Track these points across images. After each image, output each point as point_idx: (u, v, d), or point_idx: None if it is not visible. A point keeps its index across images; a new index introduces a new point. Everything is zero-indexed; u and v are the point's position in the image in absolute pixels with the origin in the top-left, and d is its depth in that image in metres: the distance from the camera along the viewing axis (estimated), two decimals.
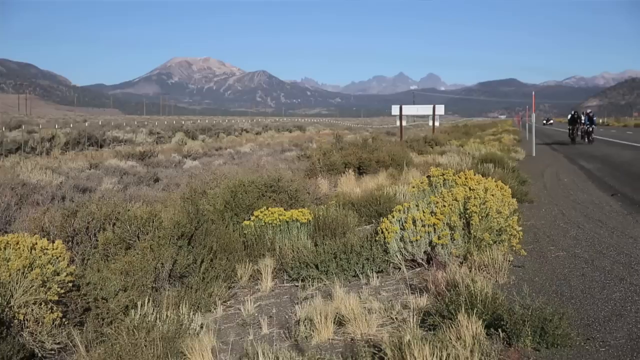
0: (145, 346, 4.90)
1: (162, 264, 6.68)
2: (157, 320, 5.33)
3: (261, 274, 7.33)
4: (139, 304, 5.70)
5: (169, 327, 5.23)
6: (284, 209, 8.86)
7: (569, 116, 44.34)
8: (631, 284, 6.72)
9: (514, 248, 7.65)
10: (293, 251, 7.82)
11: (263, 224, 8.46)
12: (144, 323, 5.23)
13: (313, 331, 5.44)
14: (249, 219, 8.67)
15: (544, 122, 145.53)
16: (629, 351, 4.82)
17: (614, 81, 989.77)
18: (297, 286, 7.10)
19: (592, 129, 39.80)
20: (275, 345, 5.16)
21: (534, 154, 29.59)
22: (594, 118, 40.67)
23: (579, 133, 41.56)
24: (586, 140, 39.75)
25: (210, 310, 6.44)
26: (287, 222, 8.53)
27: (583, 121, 40.81)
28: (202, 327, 5.71)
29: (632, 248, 8.51)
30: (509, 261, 7.39)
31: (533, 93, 33.56)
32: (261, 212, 8.60)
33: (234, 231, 8.18)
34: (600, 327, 5.40)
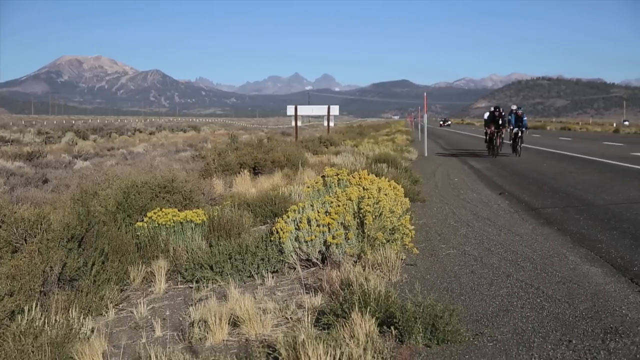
0: (33, 352, 4.74)
1: (51, 267, 6.47)
2: (46, 325, 5.16)
3: (155, 276, 7.20)
4: (26, 308, 5.51)
5: (57, 332, 5.07)
6: (178, 210, 8.75)
7: (487, 114, 31.95)
8: (517, 280, 6.95)
9: (407, 246, 7.79)
10: (187, 252, 7.72)
11: (156, 225, 8.33)
12: (31, 328, 5.06)
13: (207, 333, 5.39)
14: (142, 220, 8.52)
15: (441, 122, 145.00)
16: (515, 345, 4.97)
17: (501, 83, 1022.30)
18: (192, 288, 7.02)
19: (522, 132, 29.16)
20: (169, 347, 5.08)
21: (426, 154, 30.23)
22: (525, 118, 29.74)
23: (503, 139, 30.02)
24: (515, 151, 28.95)
25: (101, 314, 6.29)
26: (181, 223, 8.43)
27: (509, 122, 29.74)
28: (93, 331, 5.56)
29: (518, 245, 8.81)
30: (402, 259, 7.53)
31: (425, 94, 34.25)
32: (155, 213, 8.46)
33: (126, 233, 8.00)
34: (488, 322, 5.55)
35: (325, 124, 39.94)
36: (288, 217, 7.87)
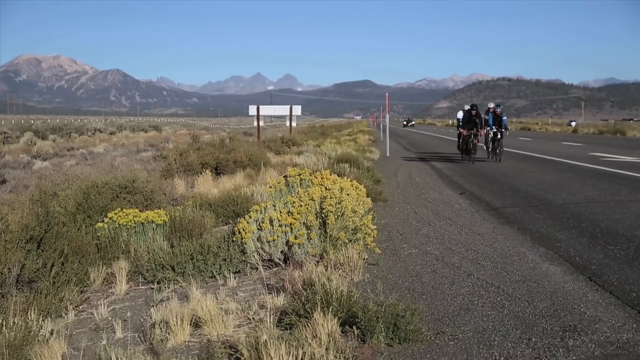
0: None
1: (9, 269, 6.38)
2: (3, 328, 5.10)
3: (115, 277, 7.13)
4: None
5: (16, 334, 5.00)
6: (139, 211, 8.68)
7: (460, 113, 28.09)
8: (478, 279, 7.01)
9: (369, 246, 7.81)
10: (149, 253, 7.66)
11: (117, 225, 8.25)
12: None
13: (169, 334, 5.35)
14: (103, 221, 8.43)
15: (405, 122, 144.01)
16: (475, 344, 5.01)
17: (462, 84, 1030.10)
18: (153, 289, 6.96)
19: (501, 134, 25.37)
20: (130, 349, 5.03)
21: (388, 154, 30.34)
22: (504, 117, 25.83)
23: (477, 141, 25.74)
24: (493, 155, 25.54)
25: (61, 316, 6.21)
26: (142, 223, 8.36)
27: (487, 122, 25.96)
28: (52, 333, 5.49)
29: (479, 244, 8.88)
30: (364, 259, 7.55)
31: (387, 94, 34.36)
32: (115, 213, 8.38)
33: (86, 234, 7.91)
34: (450, 321, 5.59)
35: (288, 124, 39.98)
36: (250, 217, 7.86)
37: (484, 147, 26.75)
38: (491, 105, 26.98)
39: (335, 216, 7.68)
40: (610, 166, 21.04)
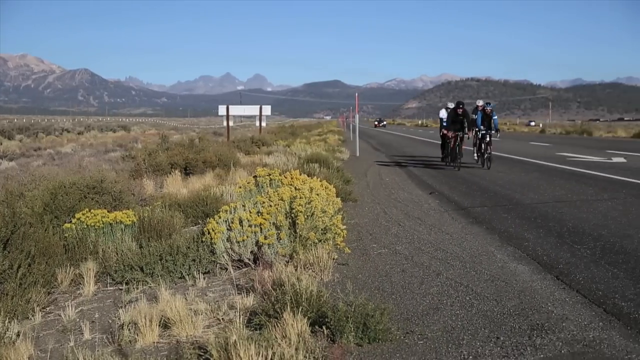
0: None
1: None
2: None
3: (83, 278, 7.07)
4: None
5: None
6: (108, 211, 8.62)
7: (443, 112, 24.71)
8: (447, 278, 7.05)
9: (339, 246, 7.83)
10: (117, 254, 7.60)
11: (85, 226, 8.18)
12: None
13: (137, 335, 5.32)
14: (70, 221, 8.36)
15: (376, 123, 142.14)
16: (444, 343, 5.04)
17: (431, 84, 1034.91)
18: (122, 289, 6.91)
19: (491, 136, 22.16)
20: (98, 350, 4.99)
21: (357, 154, 30.40)
22: (495, 117, 22.68)
23: (470, 147, 23.55)
24: (482, 160, 22.17)
25: (28, 317, 6.14)
26: (110, 224, 8.30)
27: (475, 122, 22.56)
28: (18, 335, 5.44)
29: (448, 244, 8.93)
30: (334, 259, 7.57)
31: (357, 94, 34.44)
32: (83, 214, 8.31)
33: (54, 234, 7.83)
34: (419, 320, 5.62)
35: (258, 124, 39.92)
36: (220, 217, 7.83)
37: (473, 151, 23.16)
38: (480, 103, 23.41)
39: (305, 216, 7.68)
40: (577, 166, 21.27)
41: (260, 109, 37.55)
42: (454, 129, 22.37)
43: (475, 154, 23.03)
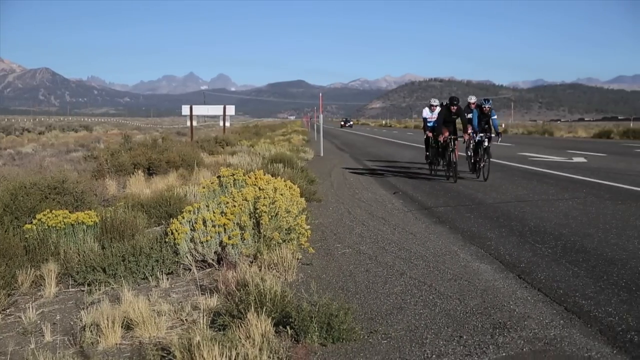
0: None
1: None
2: None
3: (44, 279, 6.99)
4: None
5: None
6: (69, 212, 8.52)
7: (427, 111, 20.73)
8: (411, 277, 7.08)
9: (303, 246, 7.83)
10: (79, 255, 7.52)
11: (46, 227, 8.08)
12: None
13: (100, 336, 5.26)
14: (31, 222, 8.25)
15: (342, 123, 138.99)
16: (408, 342, 5.06)
17: (395, 84, 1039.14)
18: (84, 291, 6.84)
19: (489, 140, 17.87)
20: (59, 352, 4.93)
21: (322, 154, 30.43)
22: (494, 116, 18.58)
23: (468, 154, 19.24)
24: (477, 170, 18.25)
25: None
26: (72, 225, 8.20)
27: (470, 122, 18.59)
28: None
29: (411, 244, 8.98)
30: (298, 259, 7.57)
31: (320, 94, 34.45)
32: (44, 215, 8.20)
33: (14, 235, 7.72)
34: (383, 320, 5.64)
35: (221, 123, 39.80)
36: (183, 217, 7.79)
37: (466, 157, 19.41)
38: (472, 99, 19.41)
39: (269, 216, 7.67)
40: (539, 166, 21.51)
41: (224, 109, 37.45)
42: (447, 130, 18.14)
43: (469, 162, 19.34)
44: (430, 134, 20.05)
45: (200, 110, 38.25)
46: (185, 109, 35.65)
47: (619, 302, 6.03)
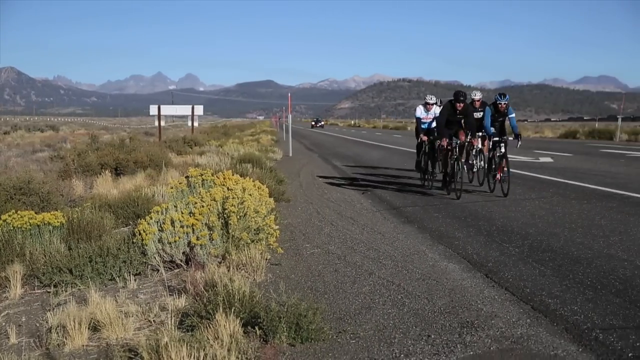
0: None
1: None
2: None
3: (9, 281, 6.90)
4: None
5: None
6: (35, 212, 8.42)
7: (420, 110, 17.05)
8: (379, 277, 7.10)
9: (271, 246, 7.82)
10: (45, 256, 7.44)
11: (11, 228, 7.98)
12: None
13: (66, 338, 5.21)
14: None
15: (313, 123, 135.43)
16: (376, 342, 5.08)
17: (364, 84, 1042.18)
18: (50, 292, 6.77)
19: (506, 146, 14.47)
20: (25, 355, 4.89)
21: (290, 154, 30.41)
22: (512, 115, 15.09)
23: (472, 164, 15.64)
24: (492, 181, 14.77)
25: None
26: (38, 225, 8.11)
27: (479, 123, 15.20)
28: None
29: (380, 243, 9.01)
30: (267, 259, 7.56)
31: (289, 94, 34.43)
32: (9, 215, 8.10)
33: None
34: (351, 320, 5.65)
35: (190, 124, 39.64)
36: (151, 218, 7.74)
37: (474, 166, 15.87)
38: (477, 96, 16.02)
39: (238, 216, 7.65)
40: None
41: (193, 108, 37.33)
42: (451, 133, 14.83)
43: (469, 170, 16.40)
44: (425, 138, 16.51)
45: (168, 110, 38.13)
46: (153, 109, 35.51)
47: (585, 301, 6.10)
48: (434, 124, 16.37)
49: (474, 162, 15.57)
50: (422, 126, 16.85)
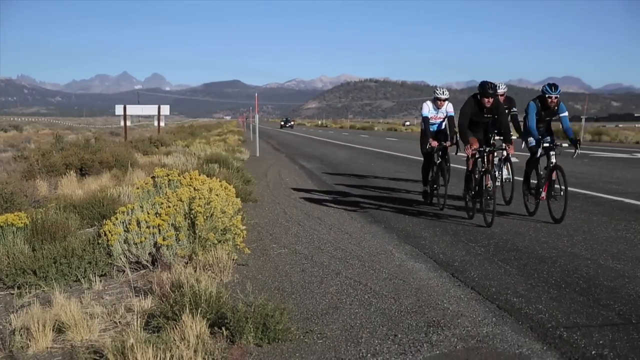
0: None
1: None
2: None
3: None
4: None
5: None
6: None
7: (427, 108, 13.13)
8: (346, 277, 7.12)
9: (239, 247, 7.80)
10: (8, 257, 7.35)
11: None
12: None
13: (30, 340, 5.15)
14: None
15: (282, 123, 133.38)
16: (343, 341, 5.09)
17: (331, 84, 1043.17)
18: (13, 294, 6.69)
19: (556, 151, 11.06)
20: None
21: (257, 154, 30.36)
22: (565, 113, 11.38)
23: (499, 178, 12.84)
24: (536, 202, 11.16)
25: None
26: (1, 226, 8.01)
27: (514, 121, 13.42)
28: None
29: (347, 243, 9.02)
30: (234, 260, 7.53)
31: (256, 95, 34.37)
32: None
33: None
34: (319, 320, 5.65)
35: (156, 123, 39.41)
36: (117, 219, 7.67)
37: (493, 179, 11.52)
38: (501, 89, 12.84)
39: (204, 217, 7.62)
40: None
41: (159, 108, 37.12)
42: (479, 137, 11.89)
43: (503, 185, 13.47)
44: (435, 144, 12.81)
45: (134, 110, 37.88)
46: (119, 109, 35.22)
47: (549, 299, 6.17)
48: (444, 125, 13.34)
49: (496, 173, 12.38)
50: (431, 128, 13.19)
